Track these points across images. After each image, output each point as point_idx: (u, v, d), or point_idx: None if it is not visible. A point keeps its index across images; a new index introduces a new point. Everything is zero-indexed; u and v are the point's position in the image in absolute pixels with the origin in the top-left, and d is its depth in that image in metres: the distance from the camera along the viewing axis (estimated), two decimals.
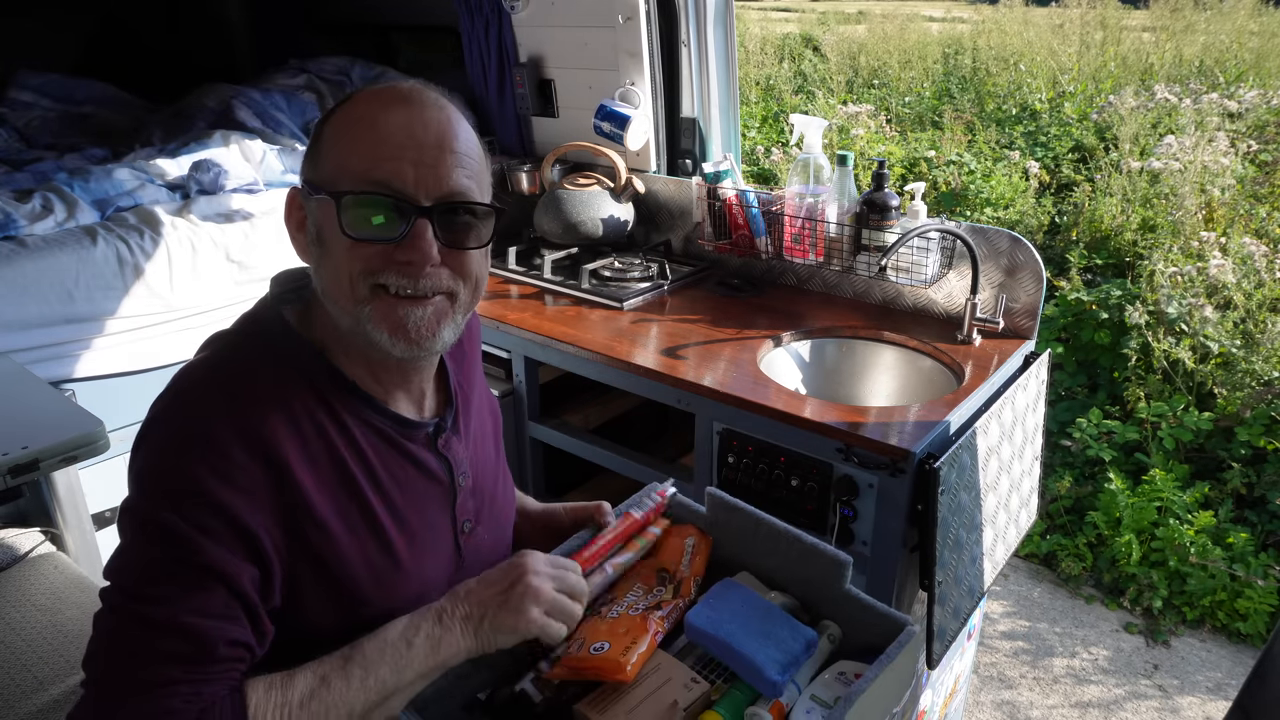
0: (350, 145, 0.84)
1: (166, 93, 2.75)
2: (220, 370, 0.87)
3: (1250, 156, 4.16)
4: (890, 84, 6.80)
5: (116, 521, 0.85)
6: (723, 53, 2.26)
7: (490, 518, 1.06)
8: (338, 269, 0.85)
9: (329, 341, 0.91)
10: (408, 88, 0.86)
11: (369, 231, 0.83)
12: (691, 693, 0.92)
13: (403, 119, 0.84)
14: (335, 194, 0.82)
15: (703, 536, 1.11)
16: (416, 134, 0.83)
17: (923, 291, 1.96)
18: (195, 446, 0.80)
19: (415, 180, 0.83)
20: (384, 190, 0.82)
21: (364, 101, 0.86)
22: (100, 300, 1.82)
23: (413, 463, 0.94)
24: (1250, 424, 2.99)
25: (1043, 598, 2.94)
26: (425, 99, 0.86)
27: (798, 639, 0.95)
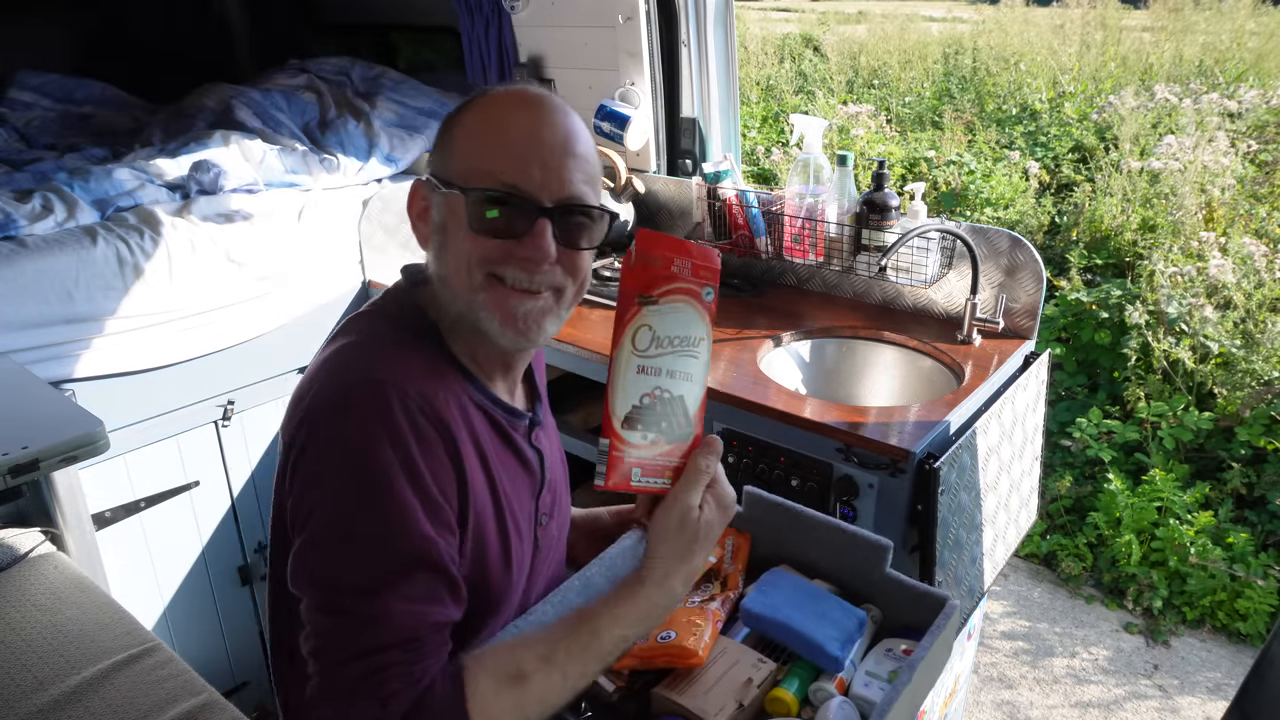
0: (480, 146, 0.89)
1: (166, 93, 2.75)
2: (376, 351, 0.90)
3: (1250, 156, 4.15)
4: (890, 84, 6.80)
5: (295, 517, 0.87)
6: (723, 53, 2.26)
7: (559, 512, 1.11)
8: (458, 257, 0.90)
9: (441, 327, 0.96)
10: (535, 93, 0.92)
11: (493, 226, 0.88)
12: (761, 671, 0.98)
13: (530, 123, 0.89)
14: (465, 189, 0.88)
15: (740, 535, 1.17)
16: (544, 138, 0.89)
17: (923, 291, 1.96)
18: (384, 431, 0.83)
19: (540, 182, 0.88)
20: (511, 190, 0.88)
21: (494, 104, 0.91)
22: (100, 300, 1.82)
23: (515, 452, 0.99)
24: (1250, 424, 2.99)
25: (1043, 598, 2.94)
26: (551, 104, 0.91)
27: (850, 618, 1.01)
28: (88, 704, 1.25)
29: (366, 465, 0.82)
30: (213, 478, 2.14)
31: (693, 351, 0.90)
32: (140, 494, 2.01)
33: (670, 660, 0.97)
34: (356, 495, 0.82)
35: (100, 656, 1.33)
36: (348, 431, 0.83)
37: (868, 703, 0.96)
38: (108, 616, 1.41)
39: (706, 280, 0.90)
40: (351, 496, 0.82)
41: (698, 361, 0.91)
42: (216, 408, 2.10)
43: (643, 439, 0.88)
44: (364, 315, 0.97)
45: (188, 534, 2.12)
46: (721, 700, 0.94)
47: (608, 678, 0.98)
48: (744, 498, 1.16)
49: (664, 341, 0.89)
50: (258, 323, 2.11)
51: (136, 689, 1.28)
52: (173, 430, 2.03)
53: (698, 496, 0.88)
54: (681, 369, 0.90)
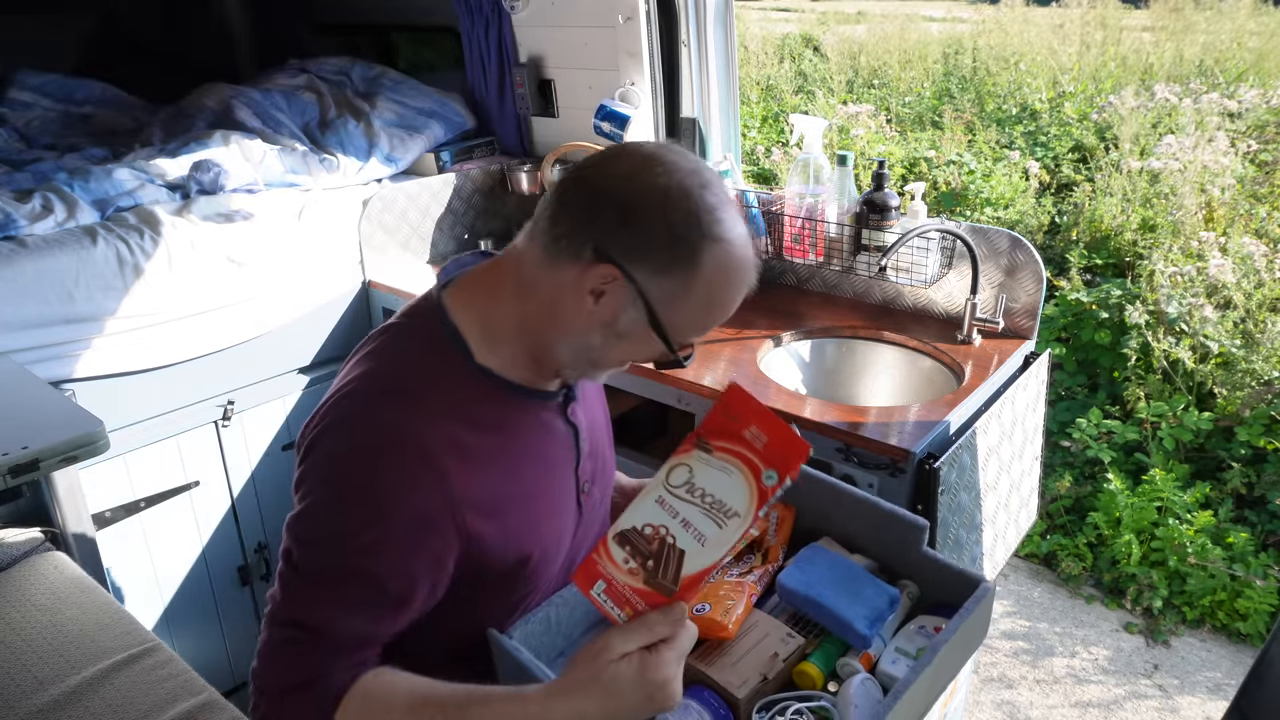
0: (701, 313, 0.94)
1: (166, 93, 2.75)
2: (381, 380, 0.96)
3: (1250, 156, 4.15)
4: (890, 84, 6.80)
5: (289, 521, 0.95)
6: (723, 53, 2.26)
7: (602, 478, 1.15)
8: (620, 357, 0.98)
9: (492, 328, 0.98)
10: (754, 262, 0.95)
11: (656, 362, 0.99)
12: (788, 646, 1.01)
13: (741, 294, 0.96)
14: (667, 340, 0.94)
15: (785, 508, 1.21)
16: (735, 307, 0.96)
17: (923, 291, 1.96)
18: (373, 457, 0.90)
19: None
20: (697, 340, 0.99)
21: (734, 269, 0.93)
22: (100, 300, 1.82)
23: (548, 430, 1.04)
24: (1250, 424, 2.99)
25: (1043, 598, 2.94)
26: (755, 275, 0.96)
27: (882, 596, 1.03)
28: (88, 704, 1.25)
29: (352, 500, 0.90)
30: (213, 478, 2.14)
31: (720, 520, 0.85)
32: (140, 494, 2.01)
33: (703, 632, 1.00)
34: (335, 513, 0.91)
35: (100, 656, 1.33)
36: (345, 471, 0.91)
37: (893, 679, 0.99)
38: (108, 616, 1.41)
39: (776, 467, 0.84)
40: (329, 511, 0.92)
41: (720, 533, 0.84)
42: (216, 408, 2.10)
43: (624, 562, 0.85)
44: (392, 333, 1.01)
45: (188, 534, 2.12)
46: (746, 673, 0.98)
47: None
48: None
49: (696, 491, 0.86)
50: (258, 323, 2.11)
51: (136, 689, 1.28)
52: (173, 430, 2.03)
53: (628, 645, 0.83)
54: (699, 528, 0.85)
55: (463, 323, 0.98)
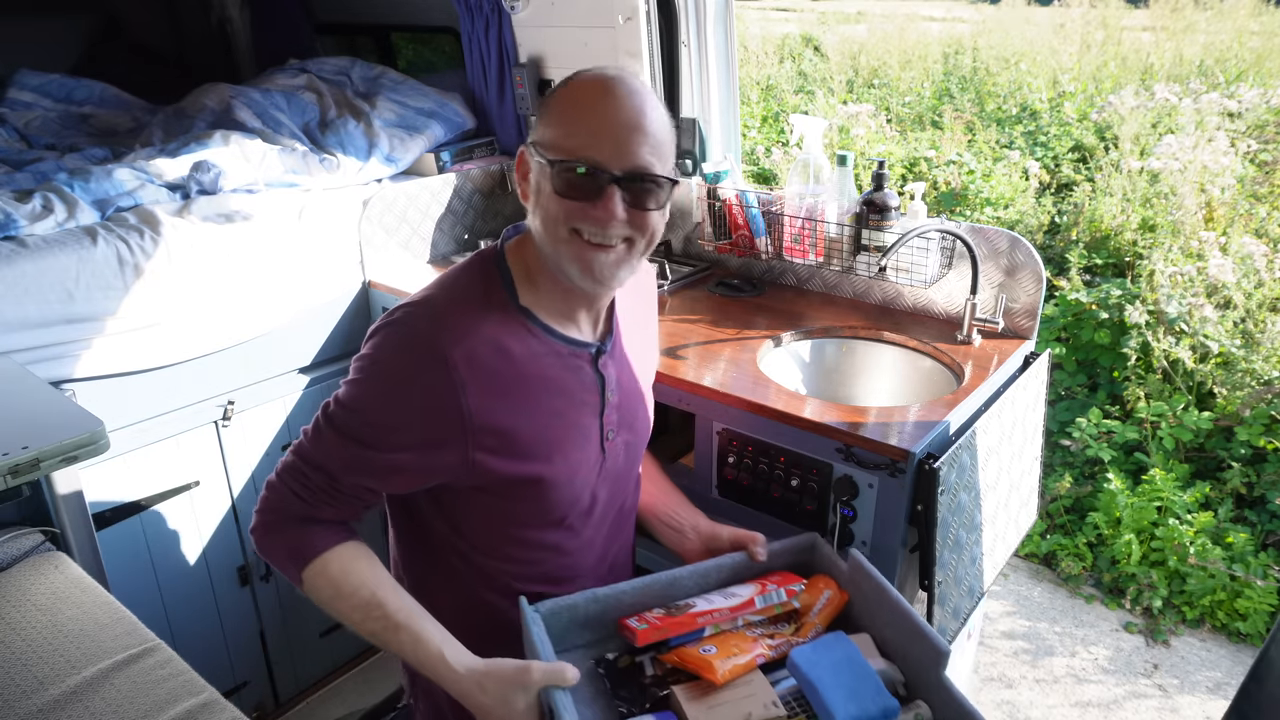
0: (564, 123, 1.08)
1: (166, 93, 2.75)
2: (435, 305, 1.14)
3: (1250, 156, 4.15)
4: (890, 84, 6.80)
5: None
6: (723, 53, 2.26)
7: (628, 430, 1.28)
8: (547, 214, 1.10)
9: (530, 271, 1.17)
10: (612, 76, 1.08)
11: (572, 191, 1.07)
12: (767, 713, 1.04)
13: (605, 104, 1.06)
14: (550, 161, 1.07)
15: (840, 593, 1.24)
16: (615, 116, 1.06)
17: (923, 291, 1.96)
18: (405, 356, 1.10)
19: (610, 155, 1.06)
20: (586, 162, 1.06)
21: (578, 87, 1.09)
22: (100, 300, 1.82)
23: (571, 371, 1.18)
24: (1250, 424, 2.99)
25: (1043, 598, 2.94)
26: (624, 86, 1.07)
27: (878, 704, 1.03)
28: (88, 704, 1.25)
29: (379, 382, 1.10)
30: (213, 478, 2.14)
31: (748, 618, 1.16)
32: (140, 494, 2.01)
33: (698, 669, 1.07)
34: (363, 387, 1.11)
35: (100, 656, 1.33)
36: (375, 357, 1.11)
37: None
38: (108, 616, 1.41)
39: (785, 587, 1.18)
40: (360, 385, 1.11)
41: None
42: (216, 408, 2.10)
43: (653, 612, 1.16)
44: (460, 265, 1.20)
45: (188, 534, 2.12)
46: (715, 719, 1.02)
47: (651, 661, 1.13)
48: (849, 559, 1.23)
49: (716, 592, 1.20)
50: (258, 323, 2.11)
51: (136, 689, 1.28)
52: (173, 430, 2.03)
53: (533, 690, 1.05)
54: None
55: (514, 266, 1.17)
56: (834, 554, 1.28)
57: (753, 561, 1.28)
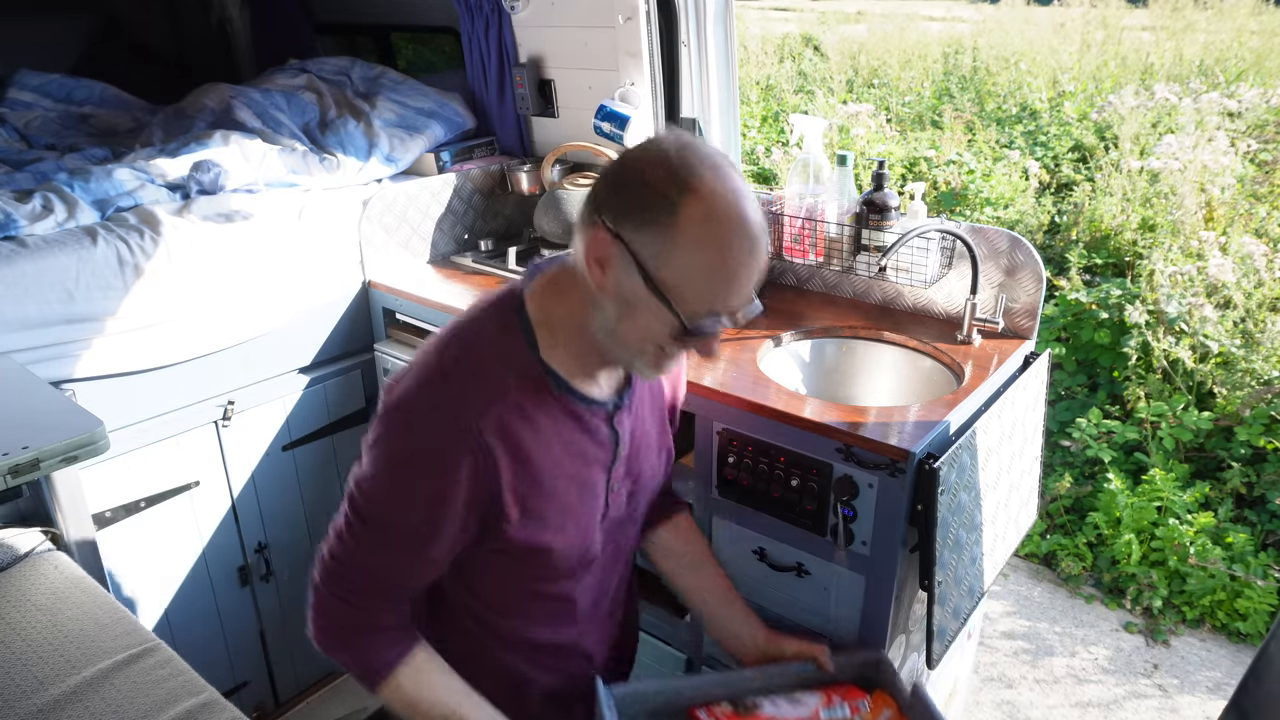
0: (701, 274, 0.97)
1: (166, 93, 2.75)
2: (455, 376, 1.05)
3: (1250, 156, 4.15)
4: (890, 84, 6.80)
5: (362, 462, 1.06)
6: (723, 53, 2.26)
7: (633, 480, 1.24)
8: (641, 333, 1.02)
9: (554, 326, 1.08)
10: (751, 214, 0.97)
11: (687, 339, 1.02)
12: None
13: (747, 255, 0.98)
14: (676, 312, 0.98)
15: (900, 716, 1.27)
16: (751, 264, 0.99)
17: (923, 291, 1.96)
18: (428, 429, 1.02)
19: (739, 303, 1.02)
20: (717, 318, 1.01)
21: (718, 222, 0.95)
22: (100, 300, 1.82)
23: (589, 433, 1.14)
24: (1250, 423, 2.99)
25: (1043, 598, 2.94)
26: (761, 225, 0.99)
27: None
28: (88, 704, 1.25)
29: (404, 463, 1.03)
30: (213, 478, 2.14)
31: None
32: (140, 494, 2.01)
33: None
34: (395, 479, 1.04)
35: (100, 656, 1.33)
36: (405, 446, 1.03)
37: None
38: (108, 616, 1.41)
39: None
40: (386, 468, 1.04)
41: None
42: (216, 408, 2.10)
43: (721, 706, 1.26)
44: (478, 310, 1.11)
45: (188, 534, 2.12)
46: None
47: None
48: (914, 691, 1.29)
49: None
50: (258, 323, 2.11)
51: (136, 689, 1.28)
52: (173, 430, 2.03)
53: None
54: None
55: (535, 315, 1.08)
56: (897, 676, 1.33)
57: (821, 672, 1.34)
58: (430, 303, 2.15)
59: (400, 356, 2.24)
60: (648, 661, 1.97)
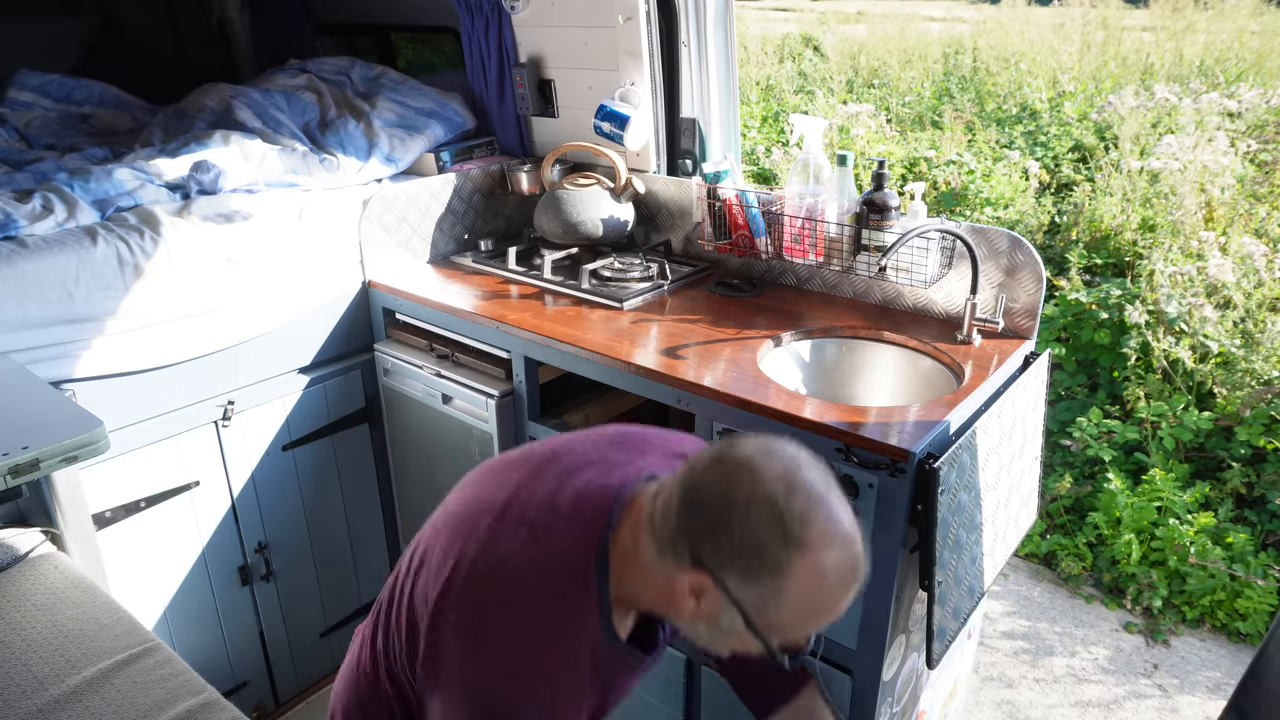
0: (804, 616, 0.95)
1: (166, 93, 2.75)
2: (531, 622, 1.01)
3: (1250, 156, 4.16)
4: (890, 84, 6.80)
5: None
6: (723, 53, 2.26)
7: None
8: (729, 647, 1.00)
9: (620, 593, 1.03)
10: (859, 564, 0.94)
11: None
12: None
13: (846, 597, 0.95)
14: (767, 643, 0.96)
15: None
16: (844, 607, 0.95)
17: (923, 291, 1.96)
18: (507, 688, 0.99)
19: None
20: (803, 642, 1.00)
21: (826, 575, 0.92)
22: (100, 300, 1.82)
23: (636, 673, 1.13)
24: (1250, 423, 2.99)
25: (1043, 598, 2.94)
26: (862, 557, 0.95)
27: None
28: (88, 704, 1.25)
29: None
30: (213, 478, 2.14)
31: None
32: (140, 494, 2.01)
33: None
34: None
35: (100, 656, 1.33)
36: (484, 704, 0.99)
37: None
38: (108, 616, 1.42)
39: None
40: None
41: None
42: (216, 408, 2.10)
43: None
44: (555, 543, 1.03)
45: (188, 534, 2.12)
46: None
47: None
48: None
49: None
50: (258, 323, 2.11)
51: (136, 689, 1.28)
52: (173, 430, 2.03)
53: None
54: None
55: (613, 583, 1.02)
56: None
57: None
58: (430, 303, 2.15)
59: (400, 356, 2.24)
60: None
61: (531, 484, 1.09)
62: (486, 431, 2.04)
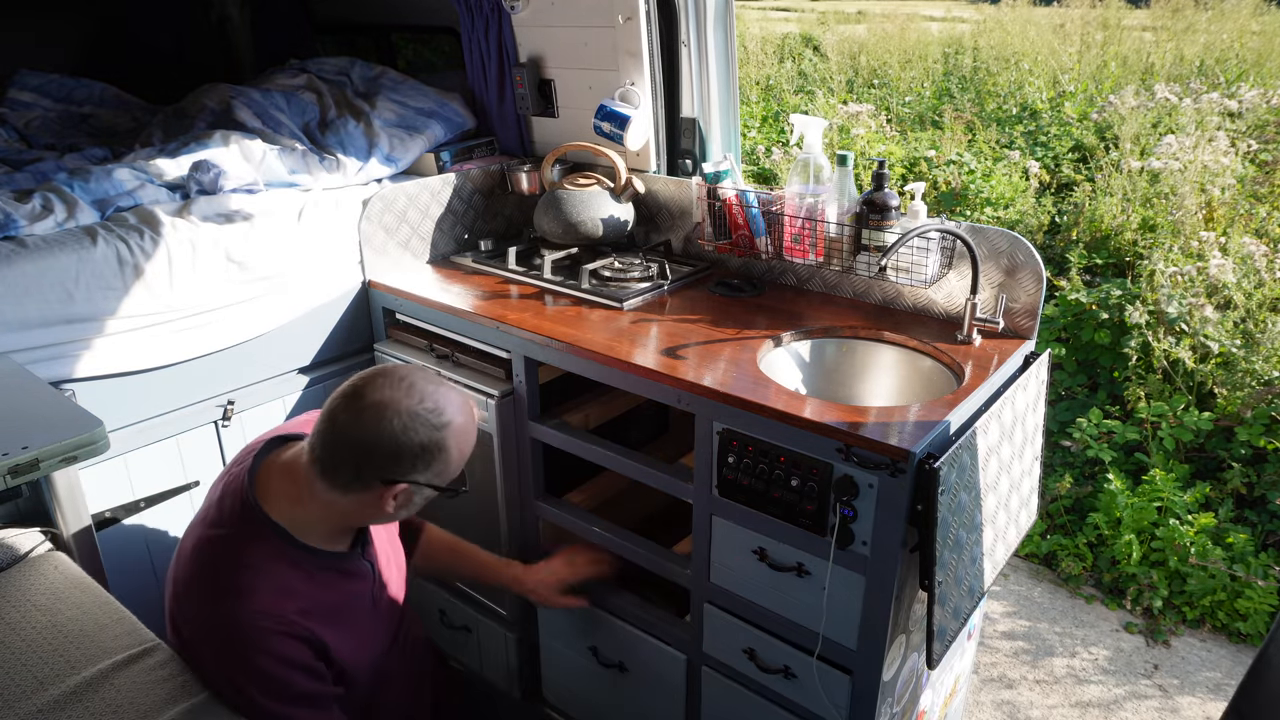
0: (463, 455, 1.36)
1: (166, 93, 2.75)
2: (231, 580, 1.29)
3: (1250, 156, 4.16)
4: (890, 84, 6.80)
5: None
6: (723, 53, 2.26)
7: (389, 587, 1.54)
8: (409, 508, 1.37)
9: (295, 521, 1.33)
10: (469, 401, 1.38)
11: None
12: None
13: (475, 424, 1.39)
14: (446, 490, 1.36)
15: None
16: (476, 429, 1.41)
17: (923, 291, 1.96)
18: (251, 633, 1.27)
19: None
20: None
21: (468, 423, 1.35)
22: (100, 300, 1.82)
23: (352, 575, 1.43)
24: (1250, 424, 2.99)
25: (1043, 598, 2.94)
26: (470, 403, 1.38)
27: None
28: (88, 704, 1.25)
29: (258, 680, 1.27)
30: (212, 478, 2.13)
31: None
32: (140, 494, 2.01)
33: None
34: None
35: (100, 656, 1.33)
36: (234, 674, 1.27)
37: None
38: (108, 616, 1.41)
39: None
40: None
41: None
42: (216, 408, 2.10)
43: None
44: (226, 537, 1.32)
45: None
46: None
47: None
48: None
49: None
50: (258, 323, 2.11)
51: (136, 689, 1.28)
52: (173, 430, 2.03)
53: None
54: None
55: (278, 517, 1.32)
56: None
57: None
58: (430, 303, 2.15)
59: (400, 356, 2.24)
60: (648, 662, 1.97)
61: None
62: (486, 431, 2.05)
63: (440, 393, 1.31)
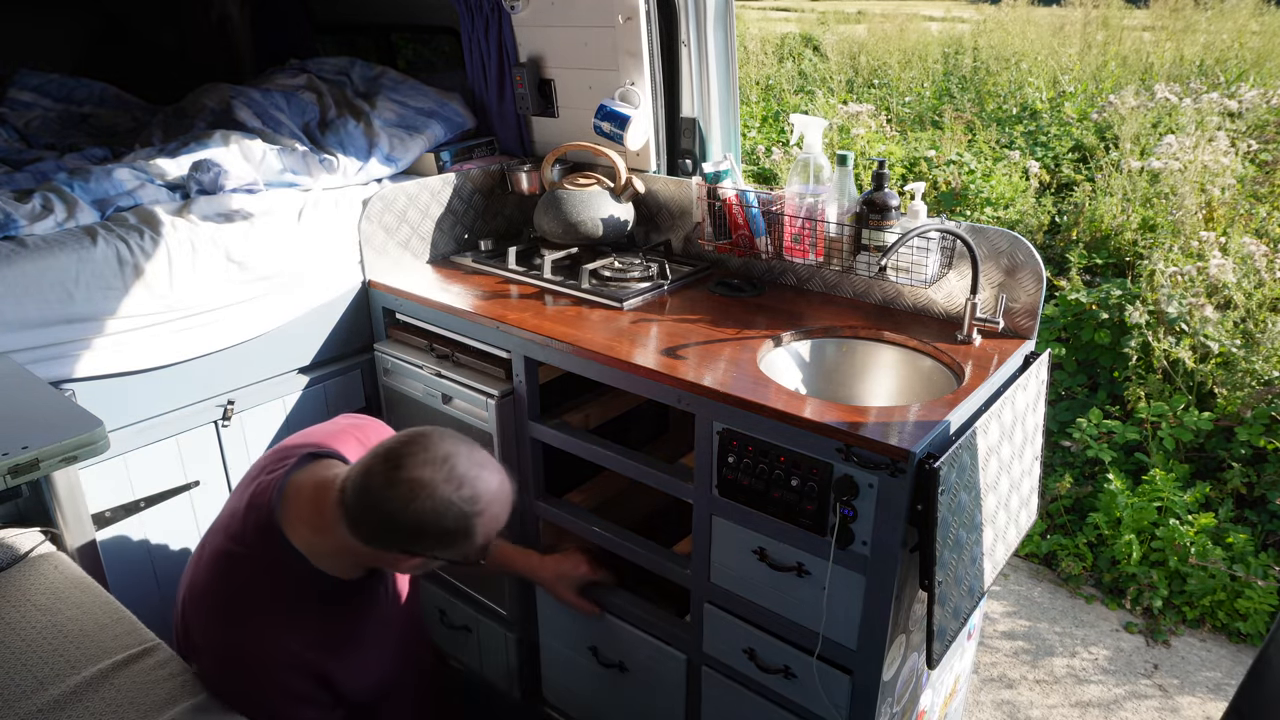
0: (487, 537, 1.33)
1: (166, 93, 2.75)
2: (244, 606, 1.33)
3: (1250, 156, 4.16)
4: (890, 84, 6.80)
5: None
6: (723, 53, 2.26)
7: (398, 600, 1.57)
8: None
9: (315, 550, 1.34)
10: (509, 487, 1.36)
11: None
12: None
13: (508, 509, 1.37)
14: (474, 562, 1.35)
15: None
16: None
17: (923, 291, 1.96)
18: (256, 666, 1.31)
19: None
20: None
21: (501, 509, 1.33)
22: (100, 300, 1.82)
23: (367, 599, 1.45)
24: (1250, 424, 2.99)
25: (1043, 598, 2.94)
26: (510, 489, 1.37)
27: None
28: (88, 704, 1.25)
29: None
30: (213, 478, 2.14)
31: None
32: (140, 494, 2.01)
33: None
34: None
35: (100, 656, 1.33)
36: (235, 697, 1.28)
37: None
38: (108, 616, 1.41)
39: None
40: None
41: None
42: (216, 408, 2.10)
43: None
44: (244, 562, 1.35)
45: (188, 534, 2.12)
46: None
47: None
48: None
49: None
50: (258, 323, 2.11)
51: (136, 689, 1.28)
52: (173, 430, 2.03)
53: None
54: None
55: (298, 542, 1.33)
56: None
57: None
58: (430, 303, 2.15)
59: (400, 356, 2.24)
60: (648, 662, 1.97)
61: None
62: (486, 431, 2.04)
63: (481, 478, 1.26)
